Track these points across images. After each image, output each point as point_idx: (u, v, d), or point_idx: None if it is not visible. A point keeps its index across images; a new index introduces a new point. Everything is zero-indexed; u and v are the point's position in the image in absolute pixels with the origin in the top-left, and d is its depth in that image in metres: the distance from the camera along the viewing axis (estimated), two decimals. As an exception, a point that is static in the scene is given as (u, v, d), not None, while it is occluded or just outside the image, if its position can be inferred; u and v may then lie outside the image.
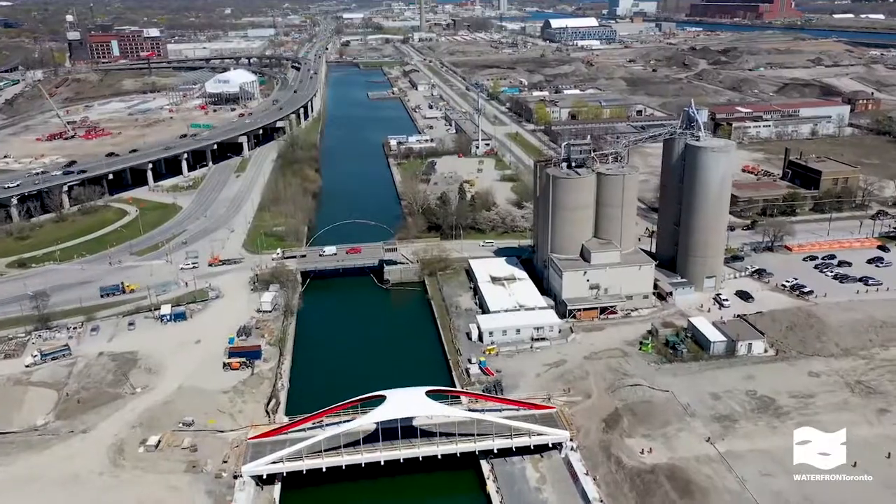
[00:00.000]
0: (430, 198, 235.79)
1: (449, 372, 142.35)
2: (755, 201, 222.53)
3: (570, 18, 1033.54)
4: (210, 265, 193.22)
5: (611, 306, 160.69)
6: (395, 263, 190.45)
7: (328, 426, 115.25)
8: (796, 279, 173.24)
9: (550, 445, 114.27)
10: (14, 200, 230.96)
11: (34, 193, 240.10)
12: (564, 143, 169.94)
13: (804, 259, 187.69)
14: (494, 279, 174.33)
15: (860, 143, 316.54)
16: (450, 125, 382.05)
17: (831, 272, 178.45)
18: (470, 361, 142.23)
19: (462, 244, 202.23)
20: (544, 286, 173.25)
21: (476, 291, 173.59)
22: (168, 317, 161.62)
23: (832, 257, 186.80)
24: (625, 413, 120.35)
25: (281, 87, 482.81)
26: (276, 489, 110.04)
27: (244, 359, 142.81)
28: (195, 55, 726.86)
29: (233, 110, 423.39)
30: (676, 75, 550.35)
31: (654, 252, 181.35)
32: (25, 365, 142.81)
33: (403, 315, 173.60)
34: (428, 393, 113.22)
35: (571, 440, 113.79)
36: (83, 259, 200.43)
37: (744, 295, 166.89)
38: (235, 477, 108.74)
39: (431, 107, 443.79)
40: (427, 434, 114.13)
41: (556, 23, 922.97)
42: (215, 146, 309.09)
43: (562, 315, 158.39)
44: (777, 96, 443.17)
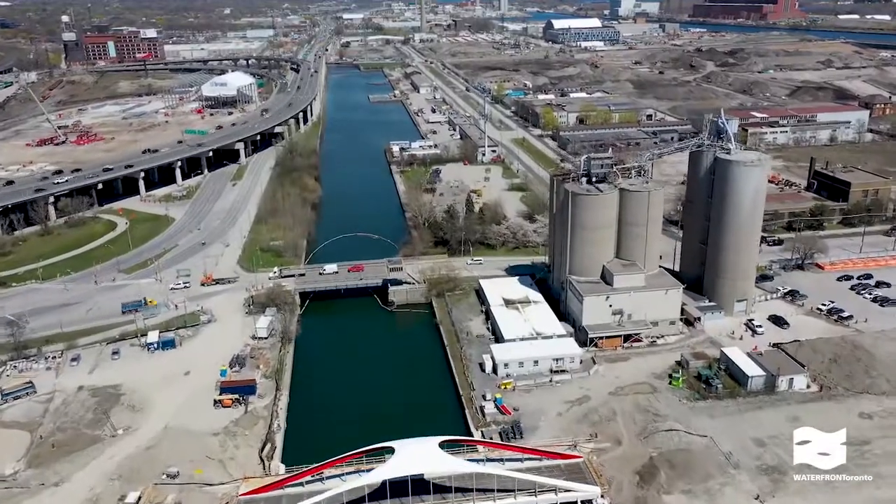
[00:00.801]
0: (437, 210, 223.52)
1: (461, 409, 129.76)
2: (780, 214, 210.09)
3: (573, 19, 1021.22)
4: (202, 285, 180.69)
5: (635, 334, 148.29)
6: (401, 283, 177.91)
7: (329, 479, 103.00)
8: (833, 302, 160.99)
9: (579, 503, 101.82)
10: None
11: (18, 204, 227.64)
12: (584, 157, 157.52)
13: (838, 279, 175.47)
14: (508, 302, 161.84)
15: (882, 150, 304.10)
16: (454, 130, 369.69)
17: (870, 294, 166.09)
18: (484, 398, 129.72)
19: (472, 261, 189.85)
20: (561, 310, 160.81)
21: (488, 315, 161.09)
22: (155, 345, 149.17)
23: (868, 277, 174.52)
24: (661, 464, 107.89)
25: (279, 91, 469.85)
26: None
27: (237, 395, 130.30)
28: (193, 56, 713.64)
29: (230, 114, 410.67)
30: (684, 78, 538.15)
31: (678, 271, 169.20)
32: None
33: (410, 342, 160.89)
34: (442, 444, 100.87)
35: (602, 497, 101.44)
36: (67, 277, 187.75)
37: (778, 320, 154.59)
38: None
39: (434, 110, 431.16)
40: (441, 490, 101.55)
41: (559, 23, 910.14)
42: (211, 153, 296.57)
43: (582, 343, 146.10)
44: (790, 100, 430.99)
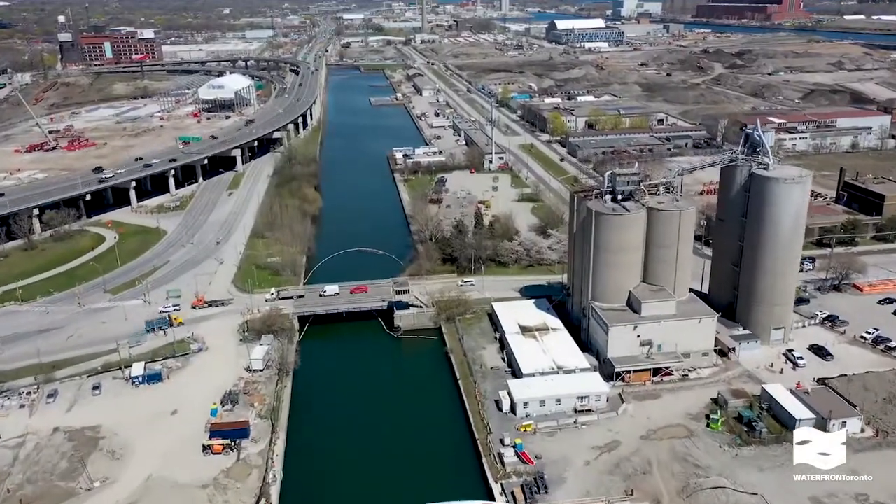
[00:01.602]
0: (444, 223, 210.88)
1: (477, 456, 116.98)
2: (810, 229, 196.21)
3: (576, 20, 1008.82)
4: (194, 307, 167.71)
5: (665, 367, 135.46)
6: (407, 307, 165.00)
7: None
8: (877, 330, 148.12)
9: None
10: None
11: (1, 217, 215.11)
12: (608, 173, 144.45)
13: (879, 302, 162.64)
14: (524, 329, 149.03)
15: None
16: (458, 135, 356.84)
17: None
18: (503, 443, 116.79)
19: (484, 281, 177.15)
20: (582, 338, 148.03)
21: (503, 344, 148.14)
22: (140, 378, 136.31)
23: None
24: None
25: (278, 95, 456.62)
26: None
27: (228, 440, 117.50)
28: (191, 57, 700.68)
29: (227, 118, 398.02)
30: (693, 80, 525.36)
31: (707, 294, 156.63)
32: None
33: (418, 374, 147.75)
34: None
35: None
36: (49, 298, 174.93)
37: (819, 351, 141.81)
38: None
39: (438, 114, 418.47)
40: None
41: (562, 24, 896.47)
42: (206, 161, 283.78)
43: (607, 377, 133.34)
44: (804, 104, 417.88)
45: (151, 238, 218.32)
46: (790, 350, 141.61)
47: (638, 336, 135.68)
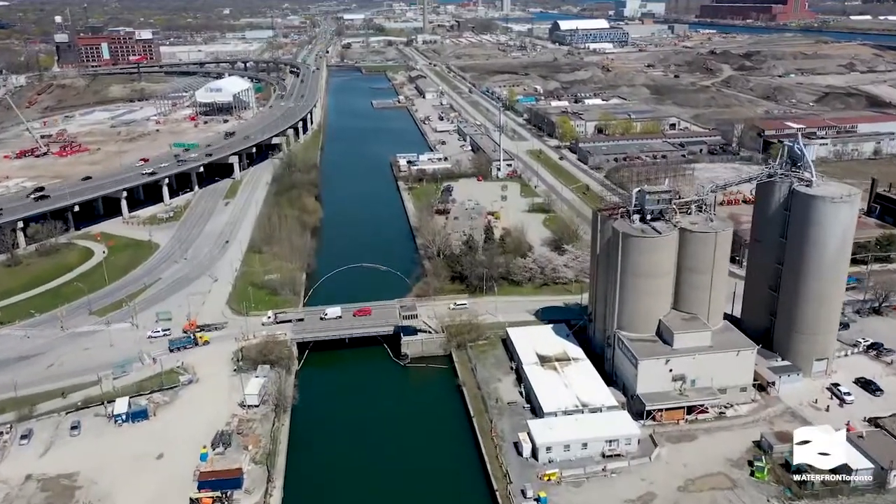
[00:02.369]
0: (451, 237, 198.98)
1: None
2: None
3: (580, 20, 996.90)
4: (185, 332, 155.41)
5: (700, 404, 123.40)
6: (415, 332, 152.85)
7: None
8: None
9: None
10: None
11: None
12: (637, 190, 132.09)
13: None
14: (543, 359, 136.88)
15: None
16: (464, 140, 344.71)
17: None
18: (524, 494, 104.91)
19: (496, 302, 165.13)
20: (606, 369, 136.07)
21: (520, 376, 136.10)
22: (124, 416, 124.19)
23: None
24: None
25: (277, 98, 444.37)
26: None
27: (219, 492, 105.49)
28: (190, 58, 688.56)
29: (225, 122, 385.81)
30: (702, 82, 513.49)
31: (739, 319, 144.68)
32: None
33: (428, 410, 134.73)
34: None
35: None
36: (30, 321, 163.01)
37: (867, 385, 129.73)
38: None
39: (442, 118, 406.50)
40: None
41: (566, 24, 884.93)
42: (202, 168, 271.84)
43: (637, 415, 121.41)
44: (819, 107, 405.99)
45: (143, 252, 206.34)
46: (835, 384, 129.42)
47: (670, 370, 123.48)
